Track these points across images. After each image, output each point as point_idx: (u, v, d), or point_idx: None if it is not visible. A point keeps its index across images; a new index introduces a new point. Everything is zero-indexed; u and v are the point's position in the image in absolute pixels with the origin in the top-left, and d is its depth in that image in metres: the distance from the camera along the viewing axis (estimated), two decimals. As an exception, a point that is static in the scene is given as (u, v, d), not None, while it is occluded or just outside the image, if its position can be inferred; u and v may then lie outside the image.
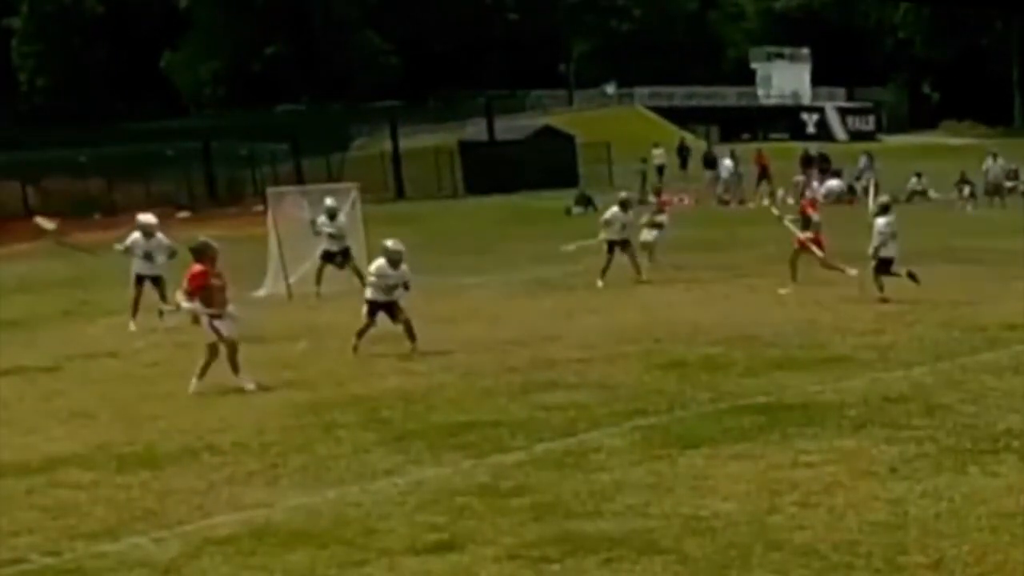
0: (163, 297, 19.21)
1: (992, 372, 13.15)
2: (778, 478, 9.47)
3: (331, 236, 23.09)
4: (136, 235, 20.10)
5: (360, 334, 16.08)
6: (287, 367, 15.39)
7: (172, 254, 19.73)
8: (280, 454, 10.96)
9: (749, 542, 8.07)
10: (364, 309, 16.18)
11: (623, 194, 24.92)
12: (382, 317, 16.10)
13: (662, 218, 25.23)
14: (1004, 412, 11.29)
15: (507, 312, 19.37)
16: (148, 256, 19.87)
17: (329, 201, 23.42)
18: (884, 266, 19.26)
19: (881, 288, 19.06)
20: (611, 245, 22.92)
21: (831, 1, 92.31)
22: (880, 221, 19.54)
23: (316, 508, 9.26)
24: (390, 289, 16.11)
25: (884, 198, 21.40)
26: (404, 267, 16.30)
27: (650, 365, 14.36)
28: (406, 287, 16.30)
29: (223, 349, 14.08)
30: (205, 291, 14.14)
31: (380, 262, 16.32)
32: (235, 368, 14.10)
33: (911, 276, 19.07)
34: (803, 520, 8.48)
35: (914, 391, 12.36)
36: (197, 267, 14.28)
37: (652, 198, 27.62)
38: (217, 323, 14.04)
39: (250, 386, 13.95)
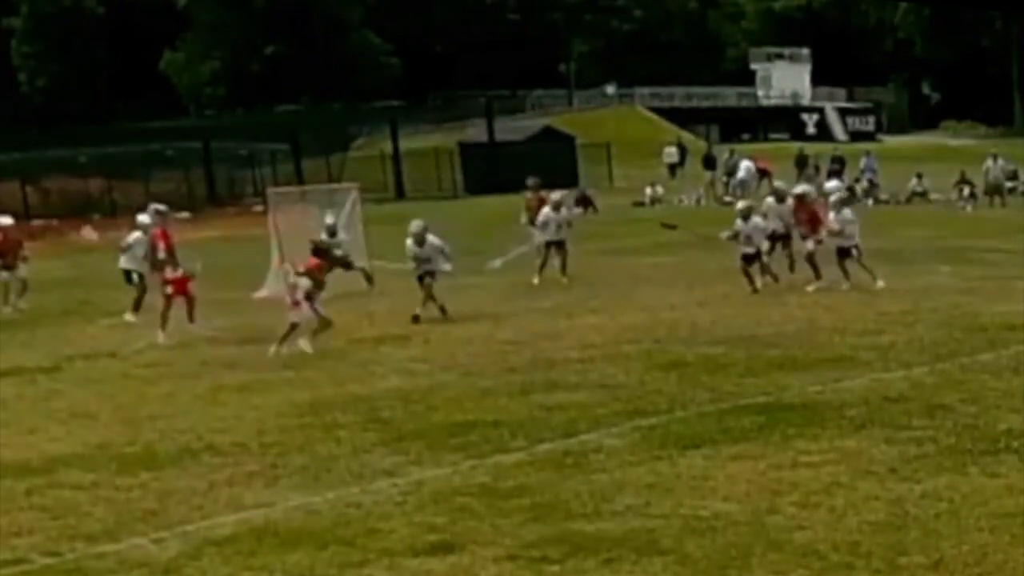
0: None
1: (992, 372, 13.14)
2: (778, 478, 9.47)
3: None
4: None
5: None
6: (287, 367, 15.40)
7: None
8: (280, 454, 10.96)
9: (749, 542, 8.07)
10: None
11: (556, 195, 25.11)
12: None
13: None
14: (1004, 412, 11.29)
15: (507, 312, 19.37)
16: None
17: (329, 219, 23.31)
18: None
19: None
20: (548, 245, 23.75)
21: (831, 1, 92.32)
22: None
23: (316, 508, 9.26)
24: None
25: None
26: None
27: (650, 365, 14.35)
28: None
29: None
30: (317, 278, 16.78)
31: None
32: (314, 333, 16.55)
33: None
34: (803, 520, 8.48)
35: (914, 391, 12.36)
36: (316, 260, 16.93)
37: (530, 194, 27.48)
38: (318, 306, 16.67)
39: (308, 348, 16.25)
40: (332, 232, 23.01)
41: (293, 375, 14.87)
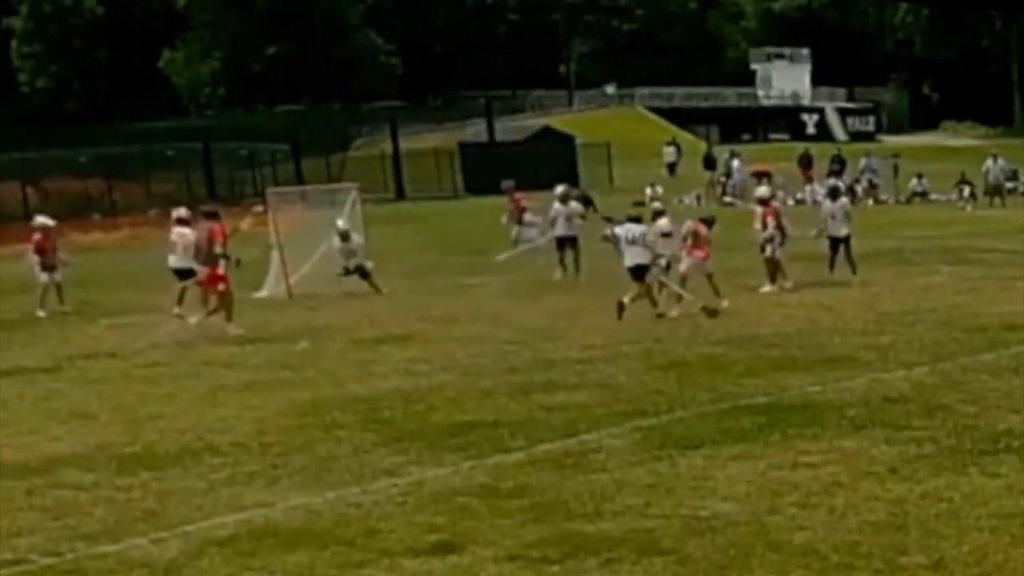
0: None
1: (992, 372, 13.15)
2: (778, 478, 9.48)
3: (348, 254, 23.00)
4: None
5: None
6: (287, 367, 15.39)
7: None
8: (280, 454, 10.96)
9: (749, 542, 8.07)
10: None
11: (560, 188, 25.26)
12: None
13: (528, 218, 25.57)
14: (1004, 412, 11.30)
15: (507, 312, 19.37)
16: None
17: (341, 223, 23.25)
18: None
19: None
20: (561, 241, 23.84)
21: (831, 1, 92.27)
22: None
23: (316, 508, 9.26)
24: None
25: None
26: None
27: (650, 365, 14.36)
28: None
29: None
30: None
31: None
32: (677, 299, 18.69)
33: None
34: (803, 520, 8.48)
35: (914, 391, 12.37)
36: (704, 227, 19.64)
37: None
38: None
39: (673, 313, 18.10)
40: (345, 236, 22.99)
41: (293, 375, 14.87)
